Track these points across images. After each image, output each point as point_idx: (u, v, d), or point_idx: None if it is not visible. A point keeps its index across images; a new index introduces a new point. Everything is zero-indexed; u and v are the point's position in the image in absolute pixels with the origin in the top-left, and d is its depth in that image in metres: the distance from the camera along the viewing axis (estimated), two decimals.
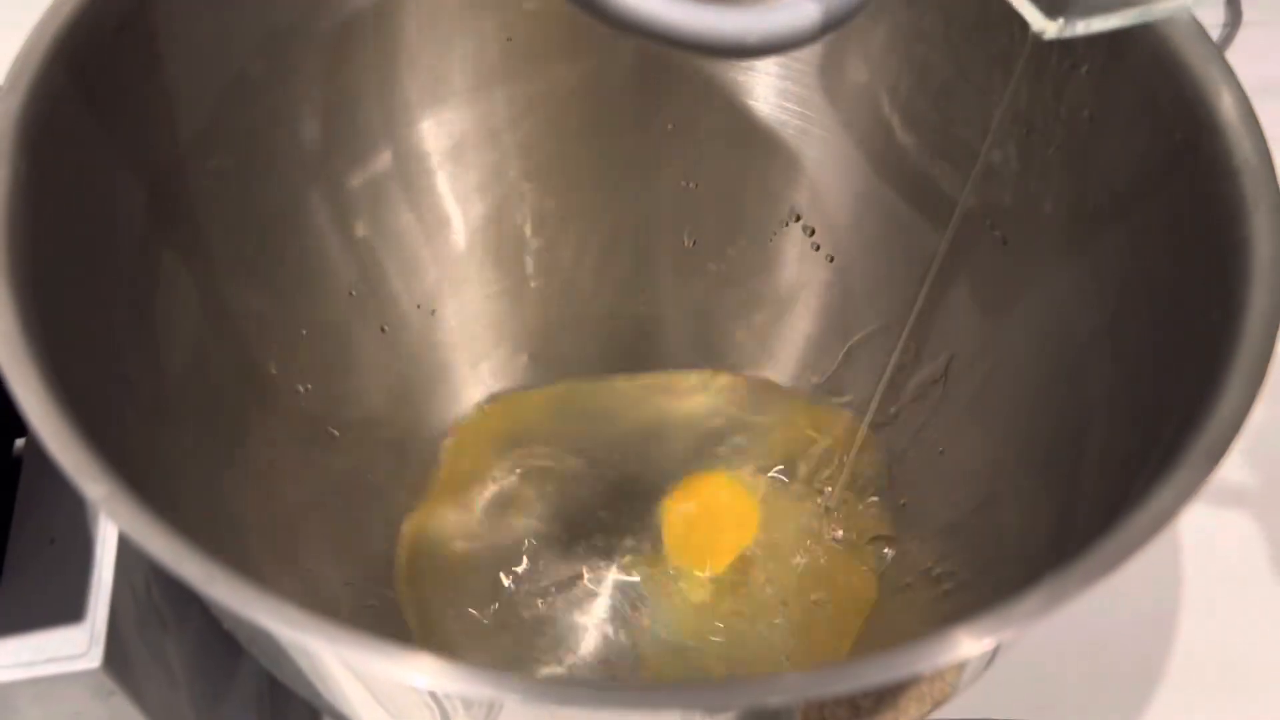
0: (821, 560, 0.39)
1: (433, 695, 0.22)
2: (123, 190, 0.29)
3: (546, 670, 0.36)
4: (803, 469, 0.40)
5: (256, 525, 0.32)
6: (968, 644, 0.19)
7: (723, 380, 0.43)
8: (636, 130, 0.40)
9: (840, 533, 0.39)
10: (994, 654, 0.26)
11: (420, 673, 0.19)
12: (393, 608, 0.37)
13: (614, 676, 0.36)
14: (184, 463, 0.30)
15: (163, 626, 0.29)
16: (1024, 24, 0.27)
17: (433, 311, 0.41)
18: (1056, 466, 0.31)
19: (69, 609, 0.26)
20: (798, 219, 0.40)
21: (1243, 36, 0.54)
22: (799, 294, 0.41)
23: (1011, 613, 0.20)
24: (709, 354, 0.43)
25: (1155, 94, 0.28)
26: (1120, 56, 0.29)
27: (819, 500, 0.40)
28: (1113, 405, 0.29)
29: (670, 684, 0.34)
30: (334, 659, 0.23)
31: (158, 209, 0.30)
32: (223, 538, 0.30)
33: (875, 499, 0.39)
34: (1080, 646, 0.38)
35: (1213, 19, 0.55)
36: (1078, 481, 0.30)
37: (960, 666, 0.25)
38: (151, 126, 0.30)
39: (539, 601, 0.38)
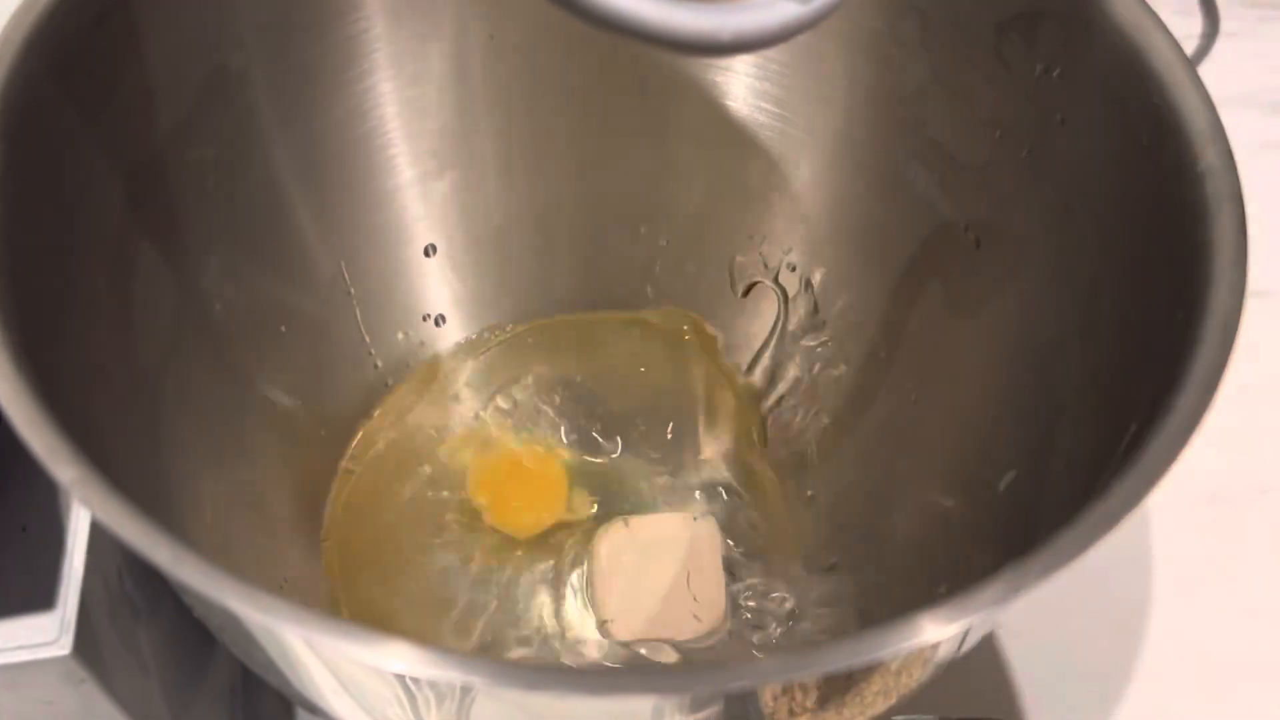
0: None
1: (401, 681, 0.22)
2: (101, 180, 0.29)
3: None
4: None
5: (222, 512, 0.32)
6: (932, 629, 0.20)
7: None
8: (614, 130, 0.40)
9: None
10: (960, 646, 0.26)
11: (392, 657, 0.19)
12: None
13: (571, 661, 0.36)
14: (155, 452, 0.30)
15: (134, 615, 0.29)
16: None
17: (413, 308, 0.41)
18: (1025, 467, 0.32)
19: (40, 596, 0.26)
20: (774, 254, 0.41)
21: (1219, 46, 0.55)
22: (770, 297, 0.42)
23: (974, 600, 0.20)
24: None
25: (1123, 98, 0.29)
26: (1090, 62, 0.30)
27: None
28: (1081, 405, 0.30)
29: (639, 669, 0.34)
30: (303, 645, 0.23)
31: (136, 199, 0.30)
32: (189, 524, 0.30)
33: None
34: (1054, 644, 0.38)
35: (1190, 29, 0.55)
36: (1045, 481, 0.30)
37: (924, 659, 0.25)
38: (130, 117, 0.30)
39: (485, 584, 0.38)
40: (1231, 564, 0.40)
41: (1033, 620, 0.38)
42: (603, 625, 0.37)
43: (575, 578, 0.38)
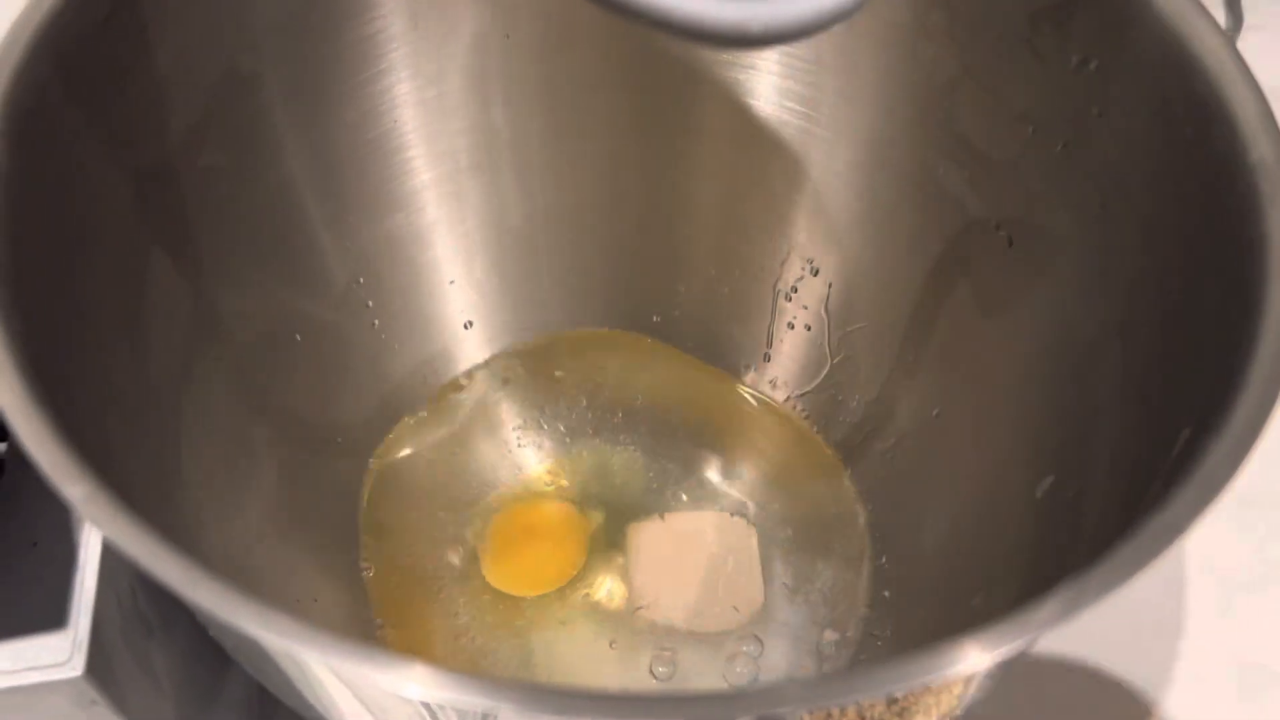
0: None
1: (426, 705, 0.22)
2: (110, 186, 0.28)
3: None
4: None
5: (246, 528, 0.32)
6: (977, 655, 0.19)
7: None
8: (636, 130, 0.39)
9: None
10: (1003, 666, 0.25)
11: (415, 683, 0.19)
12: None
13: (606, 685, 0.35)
14: (173, 468, 0.29)
15: (148, 633, 0.28)
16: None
17: (433, 314, 0.41)
18: (1064, 472, 0.31)
19: (51, 615, 0.25)
20: (800, 256, 0.40)
21: (1244, 41, 0.54)
22: (796, 300, 0.41)
23: (1027, 621, 0.19)
24: (707, 354, 0.43)
25: (1166, 90, 0.28)
26: (1129, 52, 0.29)
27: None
28: (1123, 409, 0.29)
29: (674, 694, 0.33)
30: (323, 668, 0.22)
31: (146, 206, 0.30)
32: (211, 543, 0.30)
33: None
34: (1086, 652, 0.37)
35: None
36: (1086, 487, 0.29)
37: (970, 679, 0.24)
38: (140, 121, 0.29)
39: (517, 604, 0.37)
40: (1268, 567, 0.39)
41: (1067, 627, 0.37)
42: (637, 611, 0.36)
43: (609, 587, 0.38)
